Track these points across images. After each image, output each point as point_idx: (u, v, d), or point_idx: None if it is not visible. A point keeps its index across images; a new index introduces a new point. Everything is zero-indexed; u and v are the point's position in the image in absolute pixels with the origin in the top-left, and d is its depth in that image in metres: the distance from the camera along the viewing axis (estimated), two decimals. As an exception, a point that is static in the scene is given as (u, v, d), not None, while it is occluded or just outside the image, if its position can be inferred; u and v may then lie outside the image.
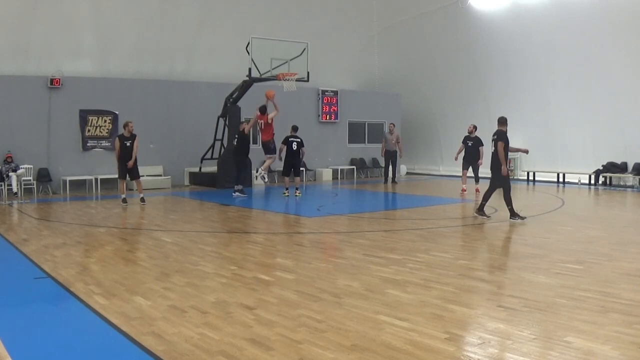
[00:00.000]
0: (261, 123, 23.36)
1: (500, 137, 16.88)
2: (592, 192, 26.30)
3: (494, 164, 17.18)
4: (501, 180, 17.02)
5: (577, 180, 29.69)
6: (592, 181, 29.18)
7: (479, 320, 7.66)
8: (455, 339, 6.86)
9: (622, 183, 28.83)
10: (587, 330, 7.05)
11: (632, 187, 27.80)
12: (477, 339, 6.86)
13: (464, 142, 24.53)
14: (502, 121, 17.27)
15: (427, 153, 37.16)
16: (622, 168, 28.69)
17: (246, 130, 23.34)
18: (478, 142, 24.04)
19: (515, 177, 32.58)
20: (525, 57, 31.45)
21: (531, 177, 31.71)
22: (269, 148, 23.50)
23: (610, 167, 29.05)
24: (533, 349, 6.51)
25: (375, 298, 8.51)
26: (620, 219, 17.92)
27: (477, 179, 24.52)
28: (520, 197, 24.95)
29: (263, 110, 23.27)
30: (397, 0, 35.14)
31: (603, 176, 29.24)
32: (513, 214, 16.83)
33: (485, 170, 20.97)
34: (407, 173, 36.90)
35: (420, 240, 13.80)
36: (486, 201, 17.36)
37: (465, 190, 24.25)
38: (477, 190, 23.71)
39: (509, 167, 18.86)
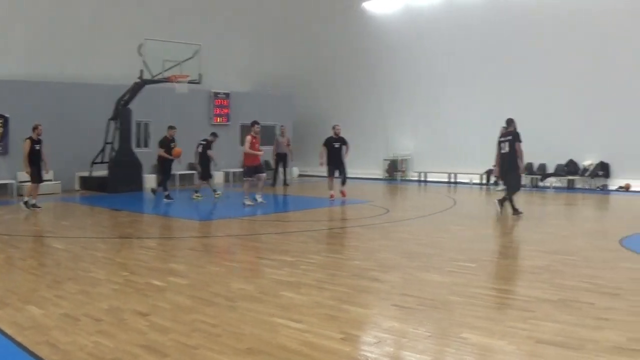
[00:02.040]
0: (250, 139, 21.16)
1: (516, 137, 17.64)
2: (483, 192, 26.72)
3: (508, 163, 17.81)
4: (516, 179, 18.05)
5: (468, 180, 30.13)
6: (484, 181, 29.64)
7: (374, 319, 7.72)
8: (351, 338, 6.88)
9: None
10: (483, 326, 7.18)
11: (524, 186, 28.33)
12: (372, 338, 6.91)
13: (328, 144, 23.10)
14: (512, 121, 18.20)
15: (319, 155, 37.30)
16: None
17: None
18: (344, 142, 22.93)
19: (406, 178, 32.96)
20: (418, 59, 31.94)
21: (422, 178, 32.05)
22: (259, 168, 21.59)
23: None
24: (429, 346, 6.60)
25: (269, 300, 8.48)
26: (512, 217, 18.27)
27: (344, 180, 23.24)
28: (412, 197, 25.27)
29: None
30: (291, 1, 35.17)
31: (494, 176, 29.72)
32: (514, 211, 17.79)
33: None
34: (299, 175, 36.89)
35: (313, 241, 13.84)
36: (512, 201, 17.87)
37: (334, 196, 22.73)
38: (343, 194, 22.81)
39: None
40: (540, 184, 27.87)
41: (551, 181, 27.90)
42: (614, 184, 27.52)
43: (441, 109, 31.63)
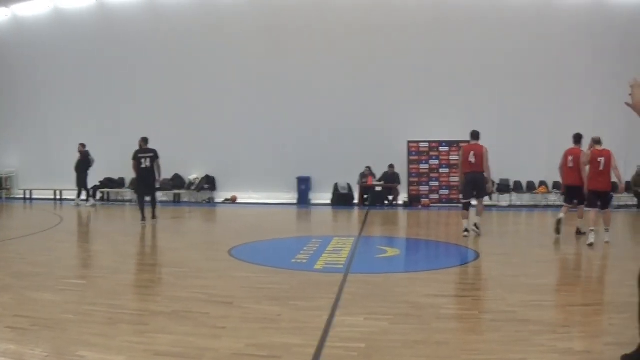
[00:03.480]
0: None
1: (157, 154, 20.04)
2: (89, 208, 26.48)
3: (149, 177, 19.95)
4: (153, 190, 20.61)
5: (74, 197, 29.71)
6: (92, 196, 29.45)
7: (-12, 343, 7.41)
8: (-36, 366, 6.58)
9: (120, 198, 29.49)
10: (99, 343, 7.11)
11: (130, 201, 28.46)
12: (-13, 363, 6.64)
13: None
14: (147, 140, 20.27)
15: None
16: (119, 183, 29.39)
17: None
18: None
19: (11, 196, 31.96)
20: (20, 68, 30.99)
21: (28, 195, 31.23)
22: None
23: (108, 183, 29.57)
24: (46, 366, 6.44)
25: None
26: (120, 232, 18.28)
27: None
28: (18, 216, 24.53)
29: None
30: None
31: (101, 192, 29.65)
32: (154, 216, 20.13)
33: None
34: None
35: None
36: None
37: None
38: None
39: None
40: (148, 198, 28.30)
41: (158, 195, 28.32)
42: (220, 196, 28.51)
43: (47, 123, 30.99)
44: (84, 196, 27.60)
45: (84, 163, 27.00)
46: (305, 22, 27.28)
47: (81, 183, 27.36)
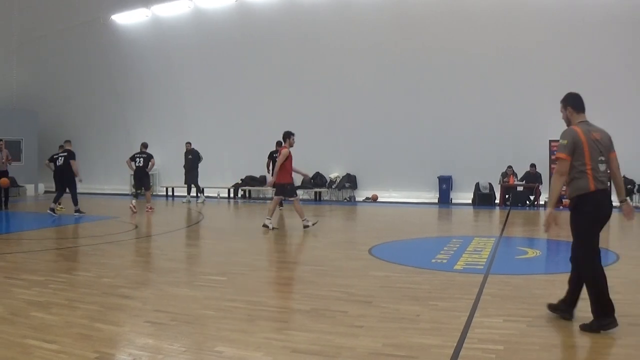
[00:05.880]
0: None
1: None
2: (232, 205, 26.81)
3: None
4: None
5: (216, 194, 30.16)
6: (232, 194, 29.82)
7: (128, 337, 7.47)
8: (106, 357, 6.60)
9: (261, 196, 29.71)
10: (237, 339, 7.13)
11: (271, 199, 28.73)
12: (127, 356, 6.67)
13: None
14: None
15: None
16: (261, 181, 29.58)
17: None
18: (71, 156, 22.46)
19: (153, 193, 32.67)
20: (164, 71, 31.67)
21: (170, 192, 31.86)
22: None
23: (249, 181, 29.85)
24: (185, 361, 6.48)
25: (20, 322, 8.00)
26: (260, 230, 18.39)
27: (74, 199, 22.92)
28: (160, 212, 24.98)
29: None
30: (37, 13, 33.95)
31: (242, 189, 29.97)
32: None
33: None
34: (46, 192, 35.77)
35: (62, 259, 13.34)
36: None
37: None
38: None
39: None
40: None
41: (299, 193, 28.45)
42: (361, 195, 28.45)
43: (187, 122, 31.56)
44: (193, 193, 28.34)
45: (192, 161, 27.57)
46: (443, 18, 26.78)
47: (190, 180, 27.94)
